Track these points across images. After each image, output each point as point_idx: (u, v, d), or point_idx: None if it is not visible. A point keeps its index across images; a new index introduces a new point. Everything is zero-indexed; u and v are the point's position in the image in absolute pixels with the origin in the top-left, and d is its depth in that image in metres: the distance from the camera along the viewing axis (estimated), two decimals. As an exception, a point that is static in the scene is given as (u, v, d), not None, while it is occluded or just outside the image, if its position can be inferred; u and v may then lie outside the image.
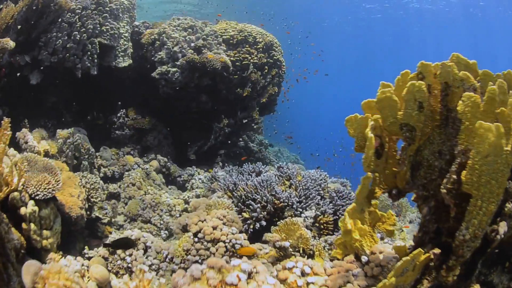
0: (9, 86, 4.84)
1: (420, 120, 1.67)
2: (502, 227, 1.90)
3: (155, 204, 4.73)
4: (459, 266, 1.89)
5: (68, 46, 5.06)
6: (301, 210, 3.66)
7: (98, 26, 5.40)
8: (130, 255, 2.90)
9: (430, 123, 1.69)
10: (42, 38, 4.94)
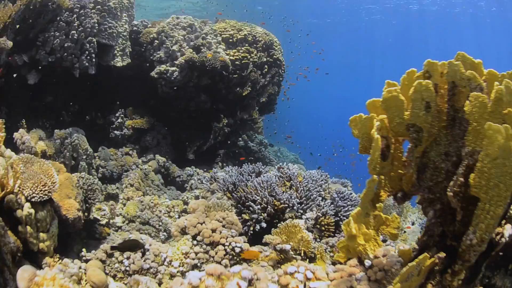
0: (7, 86, 4.79)
1: (427, 120, 1.61)
2: (507, 230, 1.86)
3: (154, 205, 4.68)
4: (465, 270, 1.85)
5: (66, 45, 5.01)
6: (302, 212, 3.60)
7: (96, 25, 5.35)
8: (128, 258, 2.84)
9: (437, 124, 1.64)
10: (40, 37, 4.89)
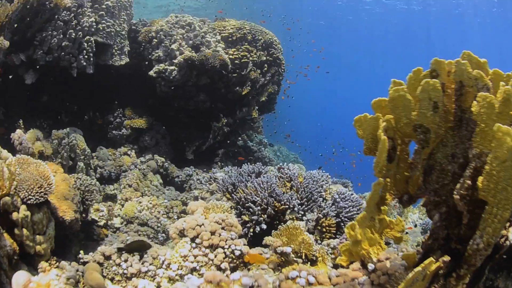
0: (4, 86, 4.74)
1: (435, 121, 1.56)
2: (512, 233, 1.82)
3: (152, 206, 4.63)
4: (469, 274, 1.82)
5: (63, 44, 4.95)
6: (302, 213, 3.56)
7: (94, 24, 5.30)
8: (126, 261, 2.79)
9: (444, 125, 1.59)
10: (37, 37, 4.84)
